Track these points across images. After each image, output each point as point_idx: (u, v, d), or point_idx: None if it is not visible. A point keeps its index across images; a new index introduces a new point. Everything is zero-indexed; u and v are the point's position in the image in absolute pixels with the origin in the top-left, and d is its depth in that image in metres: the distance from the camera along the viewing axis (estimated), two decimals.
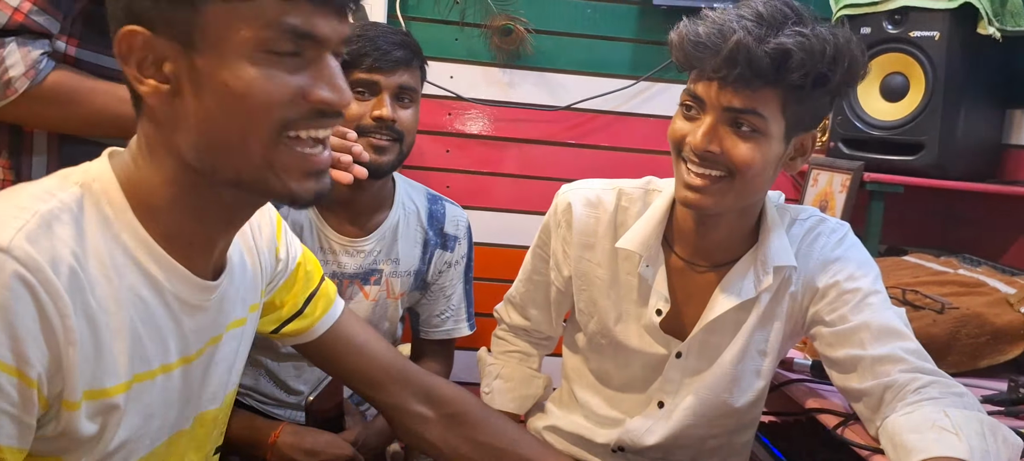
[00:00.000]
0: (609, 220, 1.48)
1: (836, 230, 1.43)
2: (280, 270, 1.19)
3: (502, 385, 1.65)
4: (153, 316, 0.91)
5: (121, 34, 0.83)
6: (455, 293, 1.93)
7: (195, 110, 0.84)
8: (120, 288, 0.87)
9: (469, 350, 1.95)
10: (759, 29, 1.20)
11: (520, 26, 2.44)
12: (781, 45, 1.19)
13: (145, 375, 0.91)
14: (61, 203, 0.83)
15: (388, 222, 1.81)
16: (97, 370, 0.85)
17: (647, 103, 2.53)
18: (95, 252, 0.85)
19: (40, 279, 0.78)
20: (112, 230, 0.87)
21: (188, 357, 0.98)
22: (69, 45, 1.40)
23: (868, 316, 1.31)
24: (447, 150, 2.52)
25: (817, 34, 1.21)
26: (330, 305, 1.26)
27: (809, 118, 1.31)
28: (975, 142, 2.19)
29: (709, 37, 1.22)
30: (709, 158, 1.27)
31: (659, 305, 1.44)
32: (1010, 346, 1.66)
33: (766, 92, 1.23)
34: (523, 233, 2.50)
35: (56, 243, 0.81)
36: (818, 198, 2.26)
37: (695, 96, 1.29)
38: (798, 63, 1.20)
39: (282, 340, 1.25)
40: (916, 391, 1.21)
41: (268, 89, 0.83)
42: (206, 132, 0.85)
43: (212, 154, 0.86)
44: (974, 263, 2.03)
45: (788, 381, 1.65)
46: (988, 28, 2.03)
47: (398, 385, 1.26)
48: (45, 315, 0.79)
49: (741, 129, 1.26)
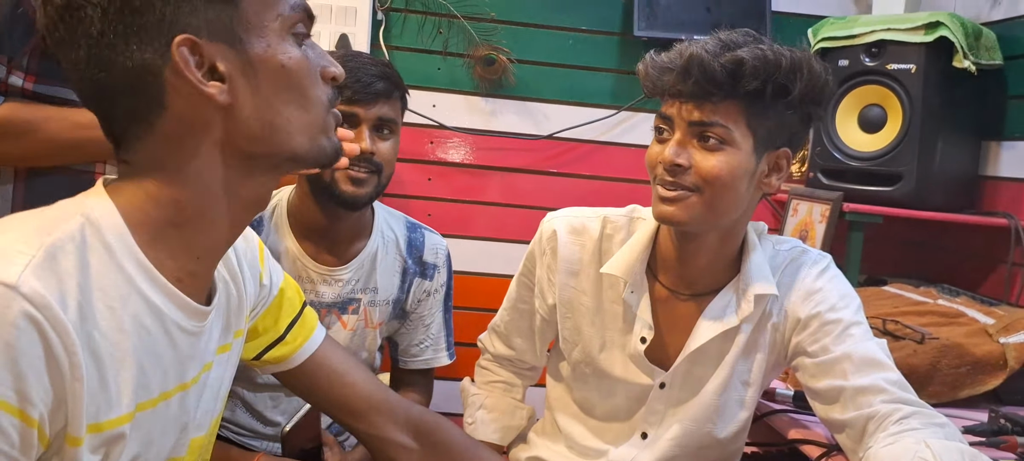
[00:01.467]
0: (594, 247, 1.48)
1: (818, 261, 1.44)
2: (263, 296, 1.18)
3: (485, 415, 1.64)
4: (155, 344, 0.90)
5: (177, 43, 0.84)
6: (434, 322, 1.92)
7: (252, 99, 0.89)
8: (124, 318, 0.86)
9: (449, 380, 1.94)
10: (717, 47, 1.27)
11: (502, 56, 2.44)
12: (735, 56, 1.25)
13: (147, 403, 0.91)
14: (65, 234, 0.82)
15: (367, 251, 1.80)
16: (102, 403, 0.84)
17: (628, 133, 2.54)
18: (99, 283, 0.84)
19: (48, 317, 0.77)
20: (115, 259, 0.86)
21: (184, 384, 0.97)
22: (27, 81, 1.38)
23: (850, 347, 1.31)
24: (429, 178, 2.51)
25: (773, 48, 1.27)
26: (311, 332, 1.25)
27: (779, 134, 1.32)
28: (952, 173, 2.21)
29: (670, 60, 1.30)
30: (678, 172, 1.30)
31: (643, 333, 1.44)
32: (990, 377, 1.66)
33: (727, 105, 1.27)
34: (505, 262, 2.50)
35: (62, 277, 0.80)
36: (798, 228, 2.27)
37: (663, 116, 1.34)
38: (751, 71, 1.24)
39: (263, 367, 1.24)
40: (898, 422, 1.21)
41: (306, 63, 0.92)
42: (266, 116, 0.90)
43: (270, 136, 0.91)
44: (953, 293, 2.04)
45: (771, 412, 1.65)
46: (963, 61, 2.06)
47: (379, 414, 1.25)
48: (52, 354, 0.77)
49: (708, 142, 1.29)
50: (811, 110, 1.33)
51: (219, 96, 0.87)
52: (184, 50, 0.84)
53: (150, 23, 0.84)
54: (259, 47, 0.89)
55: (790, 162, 1.37)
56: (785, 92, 1.27)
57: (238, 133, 0.89)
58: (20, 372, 0.75)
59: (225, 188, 0.92)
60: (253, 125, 0.90)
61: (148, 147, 0.89)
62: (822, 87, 1.30)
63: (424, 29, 2.45)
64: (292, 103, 0.91)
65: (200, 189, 0.90)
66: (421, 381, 1.95)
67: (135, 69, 0.85)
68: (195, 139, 0.88)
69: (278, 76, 0.90)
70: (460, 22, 2.43)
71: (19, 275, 0.76)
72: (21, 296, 0.75)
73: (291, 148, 0.93)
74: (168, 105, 0.87)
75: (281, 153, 0.93)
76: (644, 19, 2.41)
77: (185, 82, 0.85)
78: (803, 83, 1.27)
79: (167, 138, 0.88)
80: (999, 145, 2.26)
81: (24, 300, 0.75)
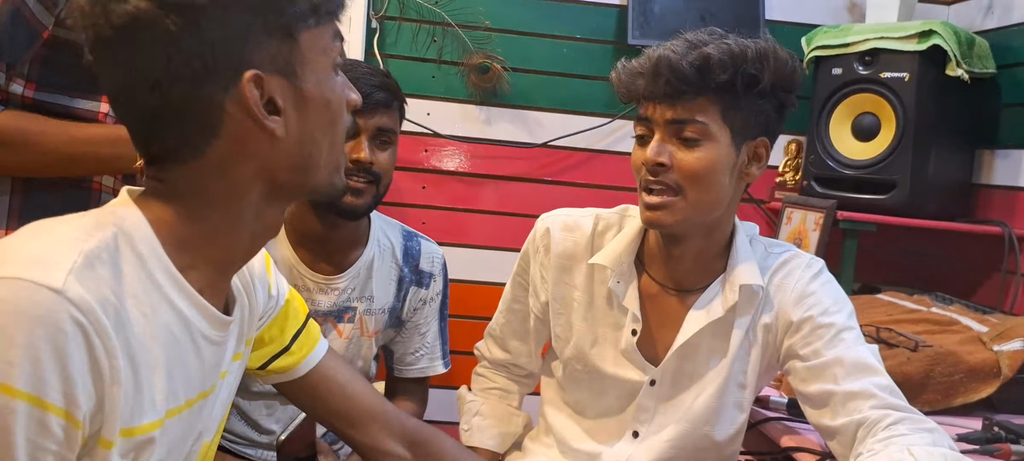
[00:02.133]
0: (586, 243, 1.50)
1: (811, 265, 1.44)
2: (271, 306, 1.20)
3: (481, 422, 1.64)
4: (183, 352, 0.92)
5: (248, 79, 0.86)
6: (430, 331, 1.92)
7: (298, 132, 0.91)
8: (156, 326, 0.87)
9: (444, 389, 1.94)
10: (684, 47, 1.31)
11: (497, 64, 2.45)
12: (702, 52, 1.29)
13: (176, 410, 0.92)
14: (100, 242, 0.83)
15: (363, 259, 1.80)
16: (135, 408, 0.85)
17: (622, 141, 2.55)
18: (132, 291, 0.85)
19: (92, 321, 0.78)
20: (146, 268, 0.87)
21: (205, 392, 0.99)
22: (27, 88, 1.38)
23: (841, 351, 1.31)
24: (423, 186, 2.51)
25: (738, 41, 1.31)
26: (315, 344, 1.26)
27: (755, 124, 1.35)
28: (946, 181, 2.22)
29: (640, 65, 1.34)
30: (661, 171, 1.33)
31: (632, 325, 1.44)
32: (984, 384, 1.67)
33: (701, 100, 1.31)
34: (499, 270, 2.50)
35: (101, 283, 0.81)
36: (792, 235, 2.27)
37: (643, 119, 1.37)
38: (719, 64, 1.28)
39: (267, 376, 1.25)
40: (887, 428, 1.21)
41: (342, 97, 0.96)
42: (303, 148, 0.93)
43: (304, 167, 0.94)
44: (946, 301, 2.05)
45: (765, 419, 1.65)
46: (957, 70, 2.07)
47: (377, 425, 1.26)
48: (95, 357, 0.79)
49: (686, 139, 1.32)
50: (783, 97, 1.37)
51: (278, 130, 0.89)
52: (251, 85, 0.86)
53: (219, 56, 0.85)
54: (311, 82, 0.91)
55: (769, 150, 1.40)
56: (755, 81, 1.31)
57: (279, 163, 0.92)
58: (68, 375, 0.77)
59: (254, 212, 0.94)
60: (294, 157, 0.92)
61: (191, 171, 0.90)
62: (791, 74, 1.34)
63: (418, 37, 2.46)
64: (327, 137, 0.95)
65: (232, 213, 0.92)
66: (416, 390, 1.94)
67: (197, 98, 0.86)
68: (240, 167, 0.90)
69: (323, 111, 0.93)
70: (454, 30, 2.44)
71: (64, 280, 0.77)
72: (68, 300, 0.76)
73: (315, 182, 0.96)
74: (222, 134, 0.88)
75: (306, 185, 0.96)
76: (638, 28, 2.42)
77: (247, 115, 0.87)
78: (771, 71, 1.31)
79: (213, 163, 0.89)
80: (992, 153, 2.27)
81: (71, 304, 0.77)
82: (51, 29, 1.35)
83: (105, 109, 1.43)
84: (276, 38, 0.88)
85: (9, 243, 0.82)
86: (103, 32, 0.84)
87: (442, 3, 2.43)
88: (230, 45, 0.85)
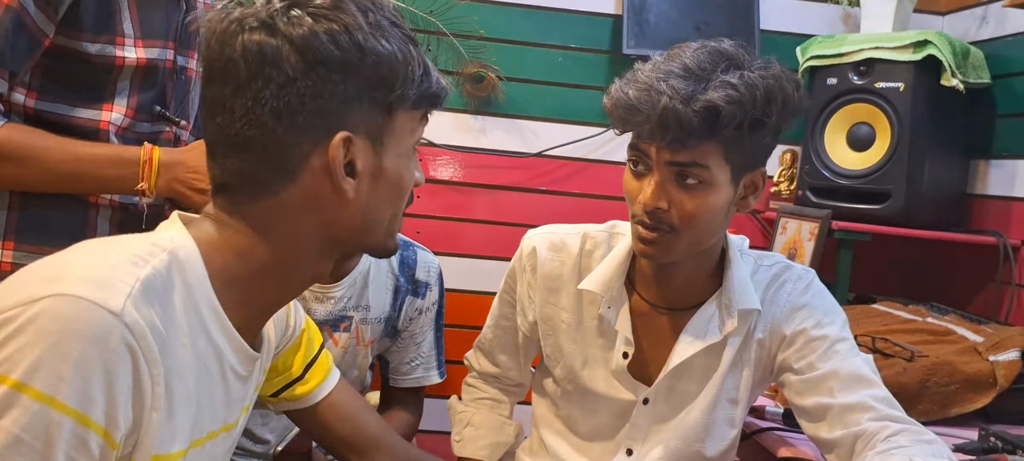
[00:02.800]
0: (573, 264, 1.48)
1: (802, 277, 1.43)
2: (288, 336, 1.22)
3: (473, 433, 1.63)
4: (212, 385, 0.93)
5: (339, 139, 0.89)
6: (426, 340, 1.91)
7: (367, 197, 0.94)
8: (193, 356, 0.88)
9: (440, 398, 1.93)
10: (686, 86, 1.21)
11: (492, 74, 2.45)
12: (709, 102, 1.19)
13: (198, 441, 0.93)
14: (154, 270, 0.84)
15: (359, 269, 1.79)
16: (166, 436, 0.86)
17: (617, 151, 2.54)
18: (177, 320, 0.86)
19: (143, 347, 0.80)
20: (193, 299, 0.88)
21: (228, 425, 1.00)
22: (28, 97, 1.38)
23: (836, 364, 1.31)
24: (418, 196, 2.50)
25: (746, 81, 1.22)
26: (328, 373, 1.29)
27: (754, 158, 1.32)
28: (940, 191, 2.22)
29: (639, 101, 1.23)
30: (657, 215, 1.28)
31: (624, 348, 1.43)
32: (980, 395, 1.67)
33: (705, 146, 1.23)
34: (494, 279, 2.45)
35: (153, 312, 0.82)
36: (787, 246, 2.27)
37: (639, 150, 1.29)
38: (729, 116, 1.20)
39: (278, 404, 1.28)
40: (886, 440, 1.21)
41: (413, 176, 1.00)
42: (368, 213, 0.96)
43: (364, 229, 0.97)
44: (942, 311, 2.05)
45: (760, 430, 1.64)
46: (951, 80, 2.07)
47: (383, 454, 1.29)
48: (140, 381, 0.80)
49: (687, 182, 1.26)
50: (783, 127, 1.31)
51: (350, 192, 0.92)
52: (341, 147, 0.89)
53: (324, 110, 0.89)
54: (391, 156, 0.95)
55: (765, 178, 1.36)
56: (761, 125, 1.25)
57: (342, 222, 0.95)
58: (113, 397, 0.78)
59: (307, 262, 0.97)
60: (357, 220, 0.95)
61: (260, 209, 0.92)
62: (796, 107, 1.28)
63: None
64: (391, 208, 0.99)
65: (289, 258, 0.95)
66: (412, 400, 1.93)
67: (289, 141, 0.89)
68: (306, 217, 0.93)
69: (395, 184, 0.97)
70: (449, 40, 2.43)
71: (123, 304, 0.79)
72: (124, 325, 0.78)
73: (370, 243, 1.00)
74: (298, 181, 0.91)
75: (362, 245, 1.00)
76: (633, 37, 2.42)
77: (327, 171, 0.90)
78: (778, 112, 1.25)
79: (281, 207, 0.92)
80: (987, 163, 2.27)
81: (127, 329, 0.78)
82: (52, 37, 1.35)
83: (107, 118, 1.42)
84: (376, 110, 0.92)
85: (65, 261, 0.84)
86: (227, 52, 0.88)
87: (437, 12, 2.42)
88: (336, 103, 0.89)
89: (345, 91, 0.89)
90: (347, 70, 0.88)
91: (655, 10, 2.44)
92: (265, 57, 0.86)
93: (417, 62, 0.94)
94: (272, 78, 0.87)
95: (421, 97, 0.95)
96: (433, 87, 0.97)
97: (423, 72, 0.95)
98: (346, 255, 1.02)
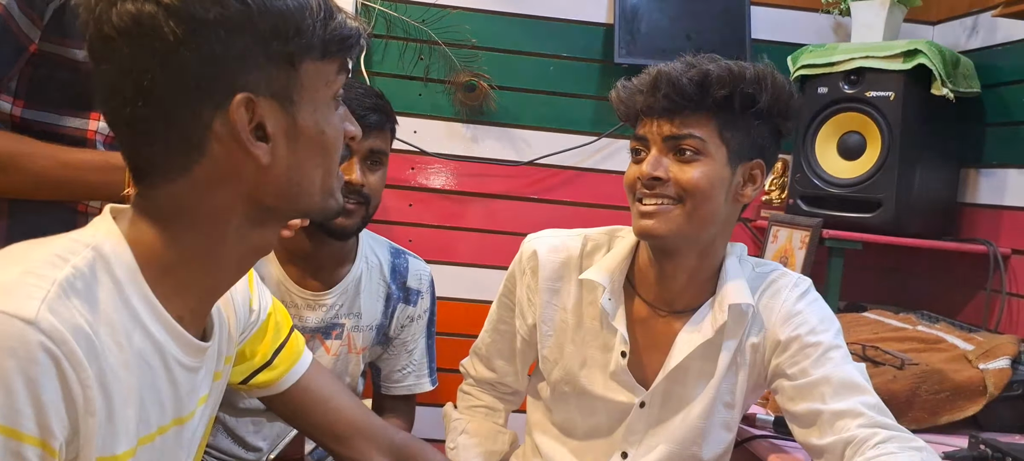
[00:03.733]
0: (575, 264, 1.50)
1: (798, 284, 1.44)
2: (252, 321, 1.18)
3: (467, 440, 1.63)
4: (156, 379, 0.90)
5: (238, 102, 0.84)
6: (417, 348, 1.91)
7: (287, 159, 0.90)
8: (129, 354, 0.86)
9: (431, 406, 1.93)
10: (684, 65, 1.34)
11: (483, 82, 2.45)
12: (701, 69, 1.32)
13: (147, 438, 0.91)
14: (75, 269, 0.81)
15: (351, 276, 1.79)
16: (109, 437, 0.84)
17: (609, 159, 2.55)
18: (107, 319, 0.83)
19: (65, 351, 0.77)
20: (123, 295, 0.85)
21: (181, 418, 0.97)
22: (15, 106, 1.37)
23: (829, 370, 1.32)
24: (410, 204, 2.51)
25: (738, 62, 1.34)
26: (298, 357, 1.25)
27: (751, 145, 1.37)
28: (931, 200, 2.23)
29: (640, 82, 1.37)
30: (657, 185, 1.34)
31: (622, 348, 1.43)
32: (970, 402, 1.67)
33: (698, 116, 1.33)
34: (486, 288, 2.49)
35: (76, 313, 0.79)
36: (778, 254, 2.28)
37: (638, 137, 1.39)
38: (718, 80, 1.30)
39: (250, 391, 1.24)
40: (875, 446, 1.21)
41: (339, 130, 0.95)
42: (293, 176, 0.91)
43: (293, 194, 0.92)
44: (932, 319, 2.05)
45: (751, 437, 1.64)
46: (942, 89, 2.08)
47: (363, 439, 1.25)
48: (68, 387, 0.78)
49: (684, 155, 1.34)
50: (779, 123, 1.38)
51: (263, 157, 0.87)
52: (242, 109, 0.85)
53: (215, 73, 0.84)
54: (306, 112, 0.90)
55: (764, 174, 1.40)
56: (752, 101, 1.32)
57: (265, 189, 0.90)
58: (42, 406, 0.76)
59: (239, 235, 0.92)
60: (281, 183, 0.90)
61: (175, 189, 0.88)
62: (788, 98, 1.36)
63: (405, 55, 2.45)
64: (320, 167, 0.93)
65: (216, 235, 0.91)
66: (403, 407, 1.93)
67: (186, 113, 0.84)
68: (224, 189, 0.88)
69: (316, 142, 0.92)
70: (441, 48, 2.44)
71: (37, 310, 0.76)
72: (41, 332, 0.75)
73: (306, 206, 0.95)
74: (208, 153, 0.86)
75: (297, 209, 0.95)
76: (625, 46, 2.42)
77: (233, 137, 0.85)
78: (768, 92, 1.33)
79: (197, 184, 0.88)
80: (977, 172, 2.28)
81: (43, 335, 0.75)
82: (39, 43, 1.34)
83: (94, 127, 1.41)
84: (276, 65, 0.86)
85: None
86: (104, 30, 0.82)
87: (429, 21, 2.43)
88: (227, 64, 0.83)
89: (236, 50, 0.83)
90: (233, 27, 0.82)
91: (647, 19, 2.44)
92: (142, 28, 0.80)
93: (316, 7, 0.87)
94: (154, 49, 0.81)
95: (328, 44, 0.89)
96: (340, 31, 0.90)
97: (325, 16, 0.88)
98: (281, 221, 0.97)
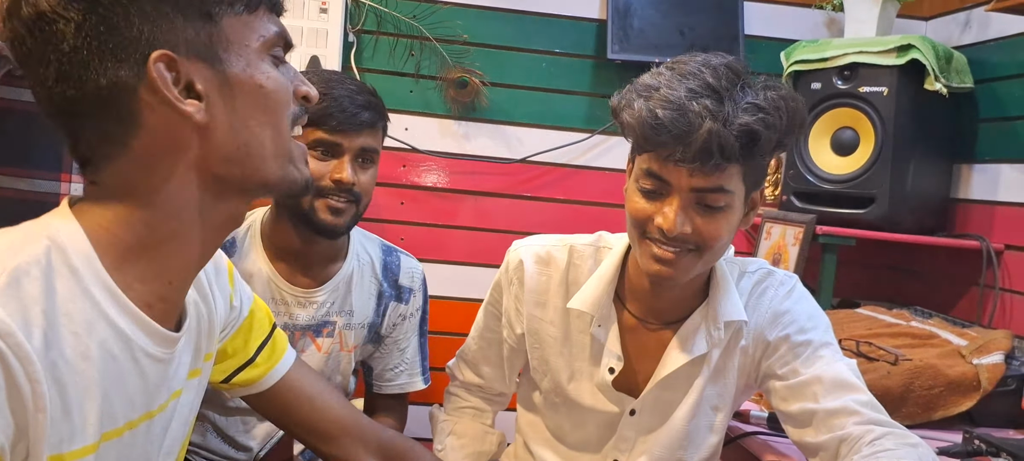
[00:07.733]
0: (560, 278, 1.46)
1: (784, 282, 1.43)
2: (233, 318, 1.16)
3: (455, 442, 1.62)
4: (121, 371, 0.87)
5: (154, 59, 0.82)
6: (409, 346, 1.90)
7: (228, 119, 0.87)
8: (90, 345, 0.83)
9: (424, 405, 1.91)
10: (719, 107, 1.17)
11: (475, 79, 2.44)
12: (746, 126, 1.17)
13: (113, 433, 0.88)
14: (30, 258, 0.79)
15: (342, 273, 1.78)
16: (65, 433, 0.81)
17: (602, 156, 2.54)
18: (64, 309, 0.81)
19: (11, 345, 0.74)
20: (82, 284, 0.83)
21: (151, 412, 0.94)
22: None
23: (820, 369, 1.31)
24: (401, 202, 2.50)
25: (770, 102, 1.20)
26: (282, 355, 1.23)
27: (760, 176, 1.31)
28: (924, 196, 2.23)
29: (673, 123, 1.17)
30: (680, 239, 1.25)
31: (611, 363, 1.42)
32: (963, 398, 1.67)
33: (732, 168, 1.22)
34: (478, 286, 2.48)
35: (27, 304, 0.77)
36: (771, 251, 2.27)
37: (658, 177, 1.24)
38: (766, 142, 1.19)
39: (232, 390, 1.22)
40: (870, 443, 1.21)
41: (284, 85, 0.92)
42: (241, 137, 0.88)
43: (243, 158, 0.89)
44: (926, 315, 2.05)
45: (744, 434, 1.63)
46: (935, 84, 2.08)
47: (350, 438, 1.24)
48: (14, 383, 0.75)
49: (709, 206, 1.24)
50: None
51: (196, 114, 0.85)
52: (160, 66, 0.82)
53: (126, 39, 0.82)
54: (238, 66, 0.87)
55: (764, 195, 1.36)
56: (782, 146, 1.26)
57: (213, 155, 0.87)
58: None
59: (198, 211, 0.89)
60: (228, 146, 0.88)
61: (120, 168, 0.86)
62: (801, 123, 1.28)
63: (396, 51, 2.44)
64: (268, 126, 0.90)
65: (172, 211, 0.88)
66: (395, 406, 1.92)
67: (109, 86, 0.82)
68: (170, 160, 0.86)
69: (255, 97, 0.89)
70: (432, 44, 2.43)
71: None
72: None
73: (263, 175, 0.91)
74: (143, 124, 0.84)
75: (254, 178, 0.91)
76: (618, 42, 2.42)
77: (161, 100, 0.83)
78: (795, 132, 1.26)
79: (140, 159, 0.85)
80: (970, 167, 2.28)
81: None
82: None
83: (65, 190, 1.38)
84: (192, 20, 0.84)
85: None
86: (16, 32, 0.82)
87: (420, 17, 2.42)
88: (135, 25, 0.82)
89: (144, 11, 0.82)
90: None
91: (639, 15, 2.43)
92: (46, 17, 0.80)
93: None
94: (62, 30, 0.80)
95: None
96: None
97: None
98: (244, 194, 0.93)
